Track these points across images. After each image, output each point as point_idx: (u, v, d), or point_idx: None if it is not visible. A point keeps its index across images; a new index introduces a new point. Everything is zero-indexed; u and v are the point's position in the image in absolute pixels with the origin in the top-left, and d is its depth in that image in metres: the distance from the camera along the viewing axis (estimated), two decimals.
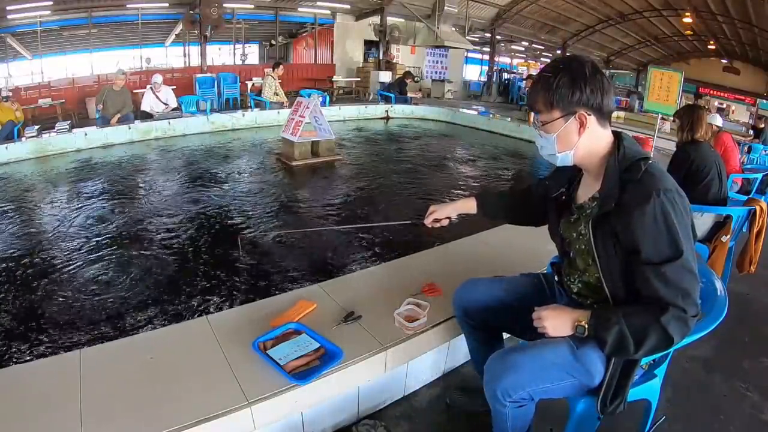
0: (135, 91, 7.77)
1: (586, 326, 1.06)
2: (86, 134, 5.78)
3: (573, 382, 1.15)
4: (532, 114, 1.18)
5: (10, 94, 7.22)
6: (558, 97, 1.05)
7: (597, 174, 1.14)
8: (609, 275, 1.10)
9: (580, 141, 1.09)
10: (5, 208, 3.72)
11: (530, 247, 2.06)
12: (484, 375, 1.20)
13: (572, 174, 1.26)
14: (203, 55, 10.85)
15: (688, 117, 2.66)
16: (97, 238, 3.12)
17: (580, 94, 1.04)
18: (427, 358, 1.75)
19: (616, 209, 1.04)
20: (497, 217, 1.58)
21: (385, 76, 12.22)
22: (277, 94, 7.69)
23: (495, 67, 17.76)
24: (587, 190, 1.20)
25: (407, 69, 11.96)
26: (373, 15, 13.32)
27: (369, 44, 14.52)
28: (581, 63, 1.06)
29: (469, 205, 1.52)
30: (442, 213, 1.52)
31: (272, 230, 3.18)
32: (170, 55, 15.21)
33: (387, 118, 9.00)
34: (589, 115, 1.06)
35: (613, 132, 1.13)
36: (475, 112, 9.56)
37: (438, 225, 1.55)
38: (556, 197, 1.28)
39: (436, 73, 16.75)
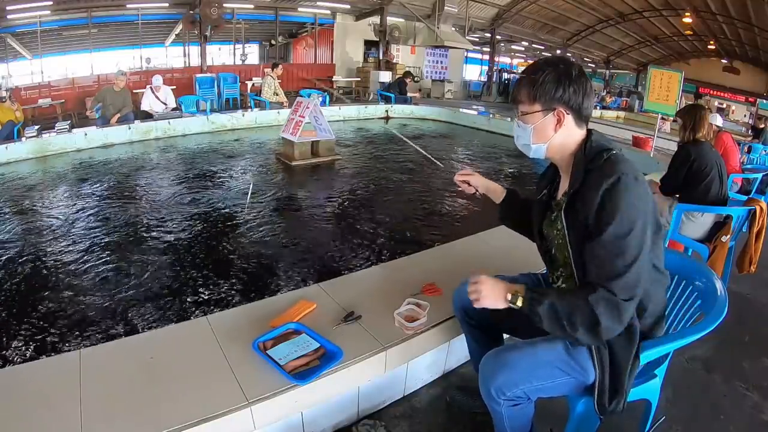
0: (135, 91, 7.77)
1: (521, 297, 1.08)
2: (86, 134, 5.78)
3: (568, 380, 1.16)
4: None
5: (10, 94, 7.22)
6: (541, 92, 1.10)
7: (567, 169, 1.17)
8: (580, 265, 1.11)
9: (555, 136, 1.13)
10: (5, 208, 3.72)
11: (530, 247, 2.05)
12: (479, 373, 1.20)
13: (553, 176, 1.29)
14: (203, 55, 10.84)
15: (691, 117, 2.66)
16: (97, 238, 3.12)
17: (562, 92, 1.08)
18: (427, 358, 1.75)
19: (579, 195, 1.07)
20: (507, 219, 1.53)
21: (385, 76, 12.21)
22: (276, 94, 7.68)
23: (495, 67, 17.76)
24: (563, 187, 1.23)
25: (407, 69, 11.95)
26: (373, 15, 13.31)
27: (369, 44, 14.50)
28: (568, 64, 1.11)
29: (497, 193, 1.52)
30: (476, 181, 1.51)
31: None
32: (170, 55, 15.22)
33: (387, 118, 9.00)
34: (567, 113, 1.10)
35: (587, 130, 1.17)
36: (475, 112, 9.55)
37: (464, 187, 1.53)
38: (540, 199, 1.31)
39: (436, 73, 16.73)
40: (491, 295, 1.11)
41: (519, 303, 1.08)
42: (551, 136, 1.13)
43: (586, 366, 1.14)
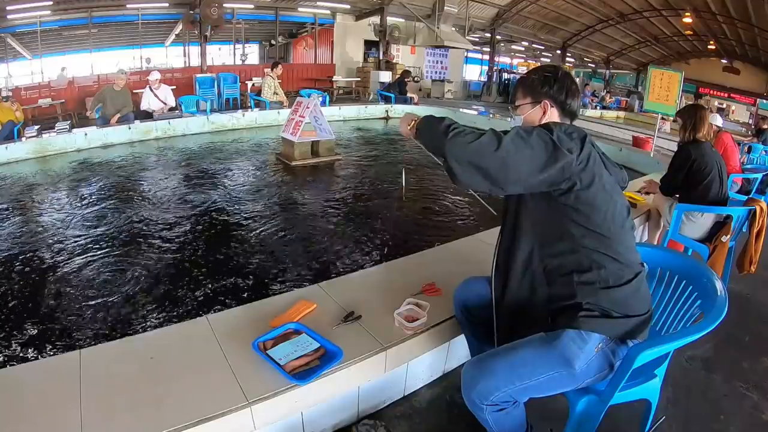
0: (135, 91, 7.76)
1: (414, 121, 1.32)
2: (86, 134, 5.78)
3: (553, 375, 1.15)
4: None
5: (10, 94, 7.23)
6: (531, 87, 1.29)
7: None
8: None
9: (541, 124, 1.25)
10: (5, 208, 3.72)
11: None
12: (461, 383, 1.22)
13: None
14: (203, 55, 10.82)
15: (691, 117, 2.66)
16: (97, 238, 3.12)
17: (548, 88, 1.26)
18: (426, 358, 1.75)
19: None
20: None
21: (385, 76, 12.20)
22: (276, 94, 7.69)
23: (495, 67, 17.75)
24: None
25: (407, 69, 11.95)
26: (373, 15, 13.30)
27: (369, 44, 14.49)
28: (556, 68, 1.30)
29: None
30: None
31: None
32: (170, 55, 15.22)
33: (387, 118, 8.99)
34: (552, 106, 1.26)
35: None
36: (475, 112, 9.55)
37: None
38: None
39: (436, 73, 16.73)
40: (402, 124, 1.37)
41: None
42: (537, 124, 1.25)
43: (567, 353, 1.13)
